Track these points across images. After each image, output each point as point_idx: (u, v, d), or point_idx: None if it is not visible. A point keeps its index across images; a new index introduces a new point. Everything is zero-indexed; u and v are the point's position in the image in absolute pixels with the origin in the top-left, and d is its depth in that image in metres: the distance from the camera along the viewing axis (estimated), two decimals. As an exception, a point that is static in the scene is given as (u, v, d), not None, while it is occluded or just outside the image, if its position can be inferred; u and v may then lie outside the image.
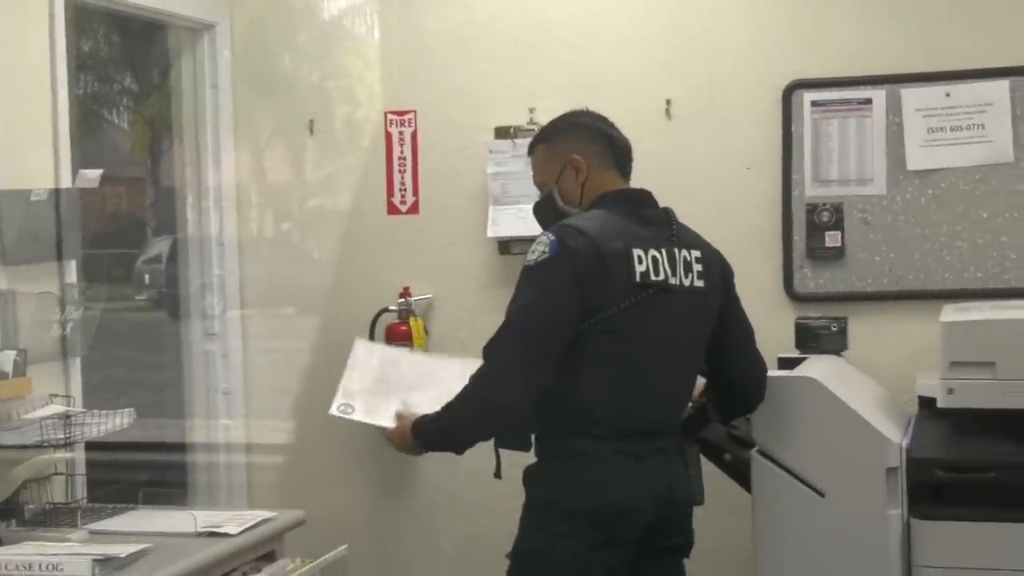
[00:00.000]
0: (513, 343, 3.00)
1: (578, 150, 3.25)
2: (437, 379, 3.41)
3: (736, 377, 3.44)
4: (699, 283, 3.20)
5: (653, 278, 3.07)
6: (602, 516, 3.01)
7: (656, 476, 3.11)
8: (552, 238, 3.00)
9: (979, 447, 3.57)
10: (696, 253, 3.22)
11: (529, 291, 3.02)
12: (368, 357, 3.61)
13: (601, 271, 3.00)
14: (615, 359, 3.06)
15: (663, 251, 3.12)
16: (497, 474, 3.34)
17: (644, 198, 3.28)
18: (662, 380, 3.16)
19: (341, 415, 3.45)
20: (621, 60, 4.65)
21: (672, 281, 3.12)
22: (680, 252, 3.17)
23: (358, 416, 3.44)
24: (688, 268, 3.17)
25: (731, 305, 3.40)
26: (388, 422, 3.31)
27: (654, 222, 3.20)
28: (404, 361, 3.69)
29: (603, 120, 3.41)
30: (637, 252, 3.05)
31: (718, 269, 3.31)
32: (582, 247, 2.99)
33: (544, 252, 2.99)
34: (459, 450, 3.18)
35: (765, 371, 3.51)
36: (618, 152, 3.36)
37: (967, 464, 3.51)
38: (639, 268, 3.05)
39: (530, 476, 3.17)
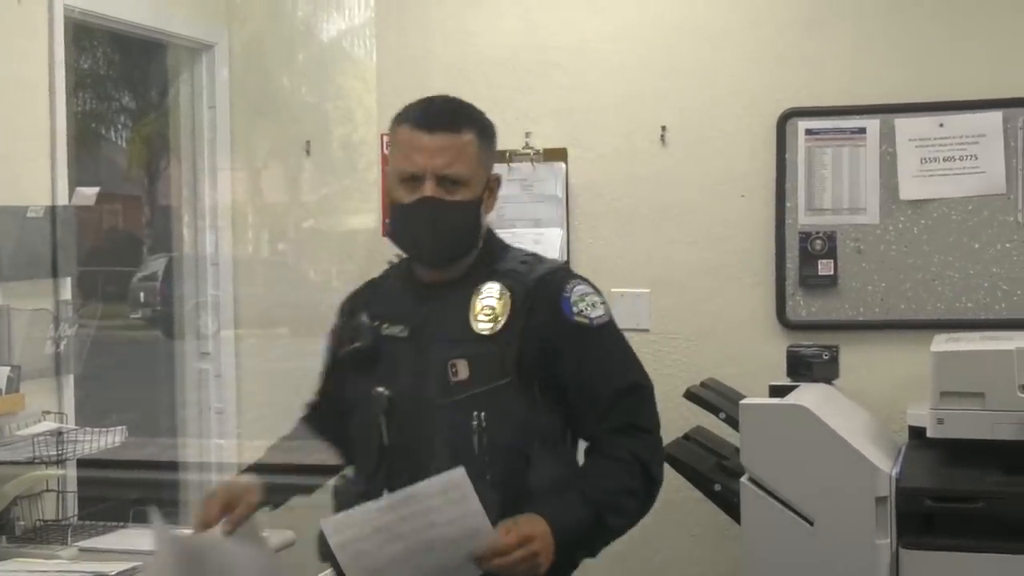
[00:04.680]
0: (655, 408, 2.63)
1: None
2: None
3: None
4: None
5: None
6: None
7: None
8: (595, 290, 2.61)
9: (968, 477, 3.56)
10: None
11: (628, 348, 2.63)
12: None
13: None
14: None
15: None
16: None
17: None
18: None
19: None
20: (616, 86, 4.66)
21: None
22: None
23: None
24: None
25: None
26: None
27: None
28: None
29: None
30: None
31: None
32: None
33: (602, 303, 2.58)
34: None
35: None
36: None
37: (956, 494, 3.51)
38: None
39: None
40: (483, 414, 2.45)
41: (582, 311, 2.55)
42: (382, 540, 2.26)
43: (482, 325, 2.50)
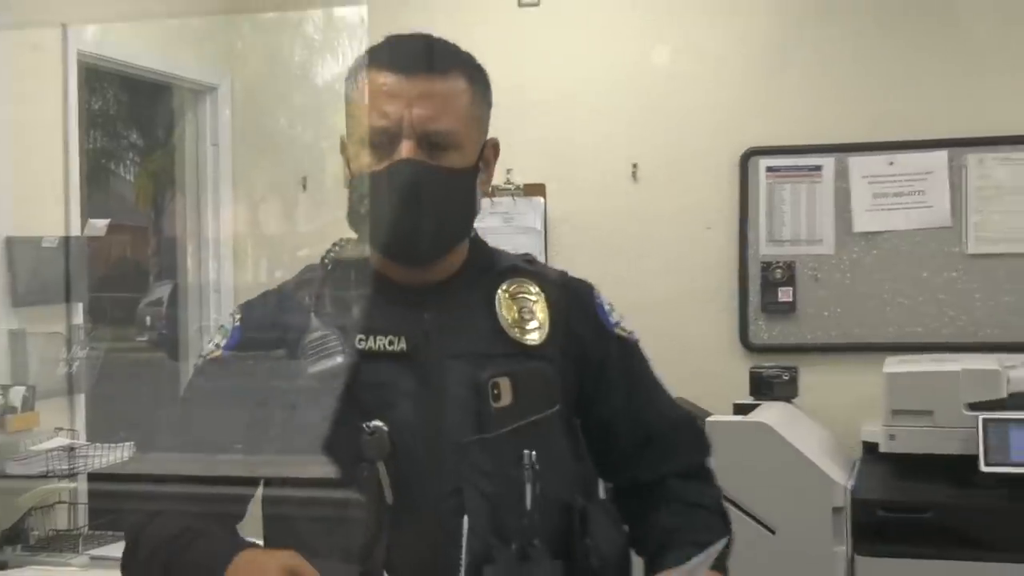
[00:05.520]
0: None
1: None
2: None
3: None
4: None
5: None
6: None
7: None
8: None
9: (918, 489, 3.58)
10: None
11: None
12: None
13: None
14: None
15: None
16: None
17: None
18: None
19: None
20: (592, 126, 4.68)
21: None
22: None
23: None
24: None
25: None
26: None
27: None
28: None
29: None
30: None
31: None
32: None
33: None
34: None
35: None
36: None
37: (907, 505, 3.53)
38: None
39: None
40: (534, 454, 1.70)
41: (619, 323, 1.89)
42: None
43: (528, 333, 1.77)
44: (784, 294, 4.49)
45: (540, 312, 1.79)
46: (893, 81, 4.41)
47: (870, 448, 3.90)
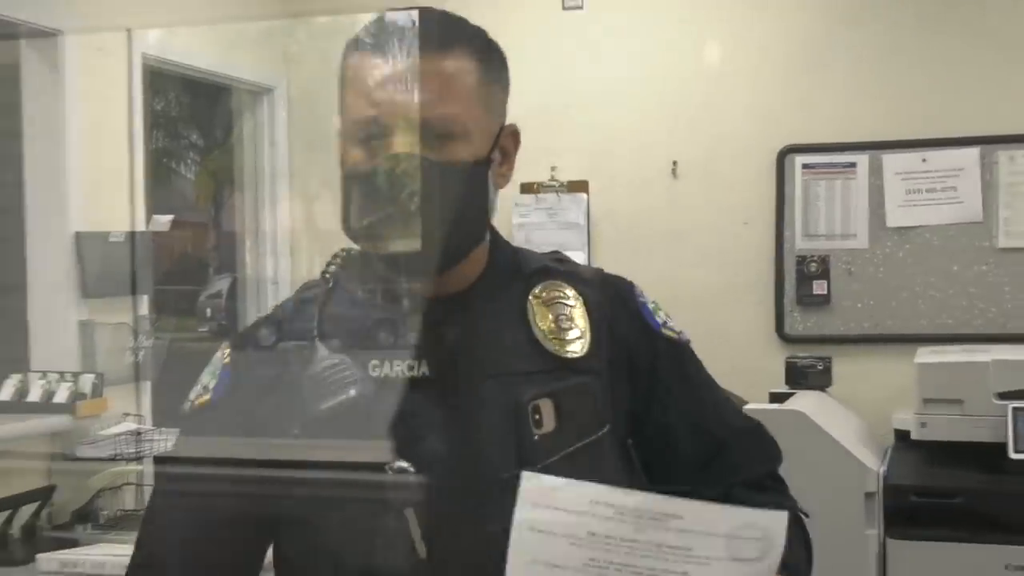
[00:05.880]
0: None
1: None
2: None
3: None
4: None
5: None
6: None
7: None
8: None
9: (948, 475, 3.58)
10: None
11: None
12: None
13: None
14: None
15: None
16: None
17: None
18: None
19: None
20: (633, 125, 4.69)
21: None
22: None
23: None
24: None
25: None
26: None
27: None
28: None
29: None
30: None
31: None
32: None
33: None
34: None
35: None
36: None
37: (937, 490, 3.53)
38: None
39: None
40: None
41: (666, 323, 1.60)
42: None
43: (568, 344, 1.46)
44: (819, 287, 4.48)
45: (579, 318, 1.48)
46: (925, 81, 4.40)
47: (902, 436, 3.90)
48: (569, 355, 1.45)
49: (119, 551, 3.18)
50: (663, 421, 1.53)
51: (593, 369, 1.46)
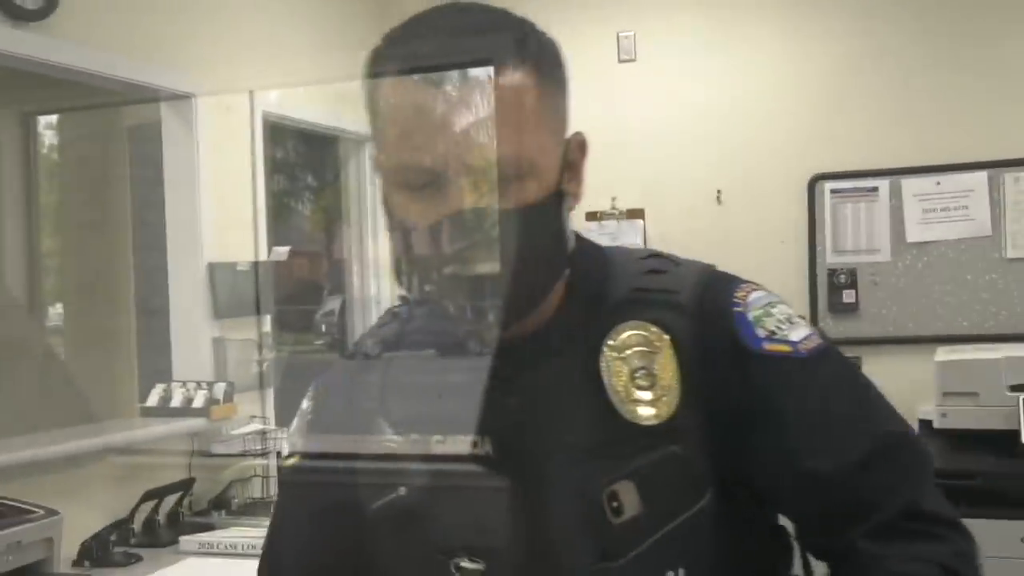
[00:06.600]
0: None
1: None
2: None
3: None
4: None
5: None
6: None
7: None
8: (778, 297, 1.21)
9: (966, 459, 3.52)
10: None
11: (870, 386, 1.15)
12: None
13: None
14: None
15: None
16: None
17: None
18: None
19: None
20: (682, 158, 4.67)
21: None
22: None
23: None
24: None
25: None
26: None
27: None
28: None
29: None
30: None
31: None
32: None
33: (800, 317, 1.18)
34: None
35: None
36: None
37: (957, 472, 3.44)
38: None
39: None
40: (682, 572, 1.03)
41: (774, 333, 1.11)
42: None
43: (643, 407, 1.04)
44: (848, 296, 4.43)
45: (666, 370, 1.05)
46: (939, 113, 4.34)
47: (925, 425, 3.82)
48: (646, 423, 1.04)
49: (249, 533, 3.21)
50: (764, 464, 1.07)
51: (683, 428, 1.04)
